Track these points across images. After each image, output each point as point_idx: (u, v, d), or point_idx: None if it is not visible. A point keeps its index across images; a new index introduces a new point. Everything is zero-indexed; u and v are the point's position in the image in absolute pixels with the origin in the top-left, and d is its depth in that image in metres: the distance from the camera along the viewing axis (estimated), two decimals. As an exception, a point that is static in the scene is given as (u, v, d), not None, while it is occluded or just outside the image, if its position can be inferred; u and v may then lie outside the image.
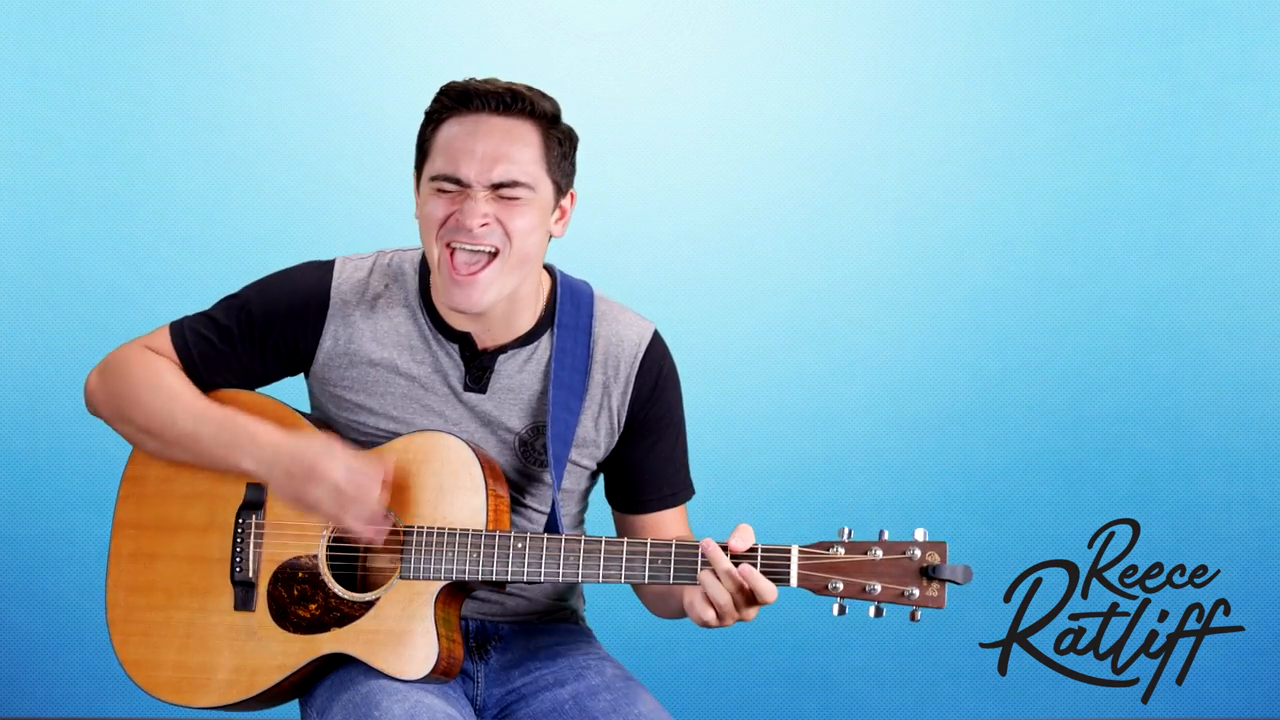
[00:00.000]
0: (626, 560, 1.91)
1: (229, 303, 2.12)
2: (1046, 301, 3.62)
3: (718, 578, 1.85)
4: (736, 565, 1.85)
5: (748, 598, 1.84)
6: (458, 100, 1.99)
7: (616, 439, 2.12)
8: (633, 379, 2.09)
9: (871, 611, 1.85)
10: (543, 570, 1.93)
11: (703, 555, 1.87)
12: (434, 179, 1.99)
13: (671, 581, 1.90)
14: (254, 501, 2.05)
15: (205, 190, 3.54)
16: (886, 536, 1.86)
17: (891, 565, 1.83)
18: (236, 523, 2.05)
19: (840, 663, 3.59)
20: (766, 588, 1.82)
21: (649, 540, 1.92)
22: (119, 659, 2.07)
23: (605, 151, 3.57)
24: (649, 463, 2.13)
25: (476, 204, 1.95)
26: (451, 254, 1.98)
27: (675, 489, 2.15)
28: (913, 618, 1.85)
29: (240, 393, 2.12)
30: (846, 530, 1.87)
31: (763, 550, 1.85)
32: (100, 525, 2.41)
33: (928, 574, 1.82)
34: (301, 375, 2.17)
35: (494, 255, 1.97)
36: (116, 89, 3.52)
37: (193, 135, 3.53)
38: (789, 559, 1.84)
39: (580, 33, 3.61)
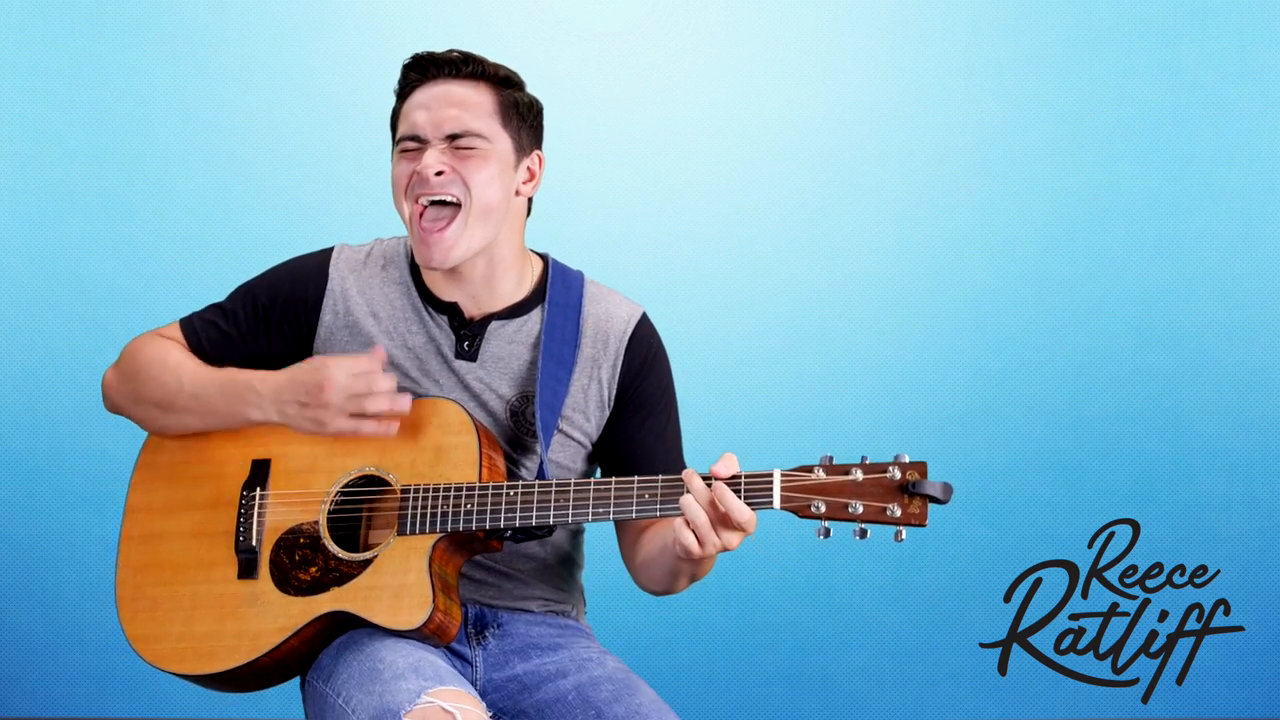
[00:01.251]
0: (615, 497, 1.96)
1: (235, 291, 2.21)
2: (1046, 301, 3.61)
3: (696, 501, 1.89)
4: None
5: (723, 519, 1.87)
6: (418, 71, 2.11)
7: (608, 414, 2.17)
8: (622, 353, 2.16)
9: (855, 533, 1.87)
10: (534, 514, 1.98)
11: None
12: (398, 143, 2.11)
13: (659, 513, 1.94)
14: (259, 476, 2.10)
15: (205, 190, 3.54)
16: (868, 461, 1.89)
17: (873, 485, 1.86)
18: (242, 496, 2.10)
19: (840, 663, 3.59)
20: (737, 506, 1.86)
21: (635, 476, 1.97)
22: (126, 636, 2.10)
23: (605, 151, 3.59)
24: (640, 438, 2.17)
25: (434, 154, 2.06)
26: (421, 213, 2.06)
27: (668, 466, 2.17)
28: (897, 538, 1.86)
29: None
30: (828, 456, 1.90)
31: (746, 476, 1.89)
32: (100, 525, 2.41)
33: (908, 490, 1.85)
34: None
35: (457, 209, 2.06)
36: (116, 89, 3.52)
37: (193, 135, 3.54)
38: (771, 482, 1.88)
39: (580, 33, 3.61)
